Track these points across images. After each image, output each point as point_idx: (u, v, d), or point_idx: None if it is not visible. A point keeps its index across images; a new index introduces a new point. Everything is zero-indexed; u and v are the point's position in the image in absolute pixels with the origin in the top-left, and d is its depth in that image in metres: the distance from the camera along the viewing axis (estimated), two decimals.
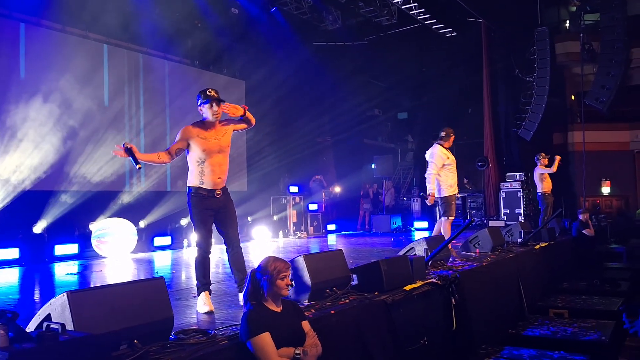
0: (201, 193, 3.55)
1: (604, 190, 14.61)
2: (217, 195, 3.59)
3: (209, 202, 3.57)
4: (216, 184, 3.59)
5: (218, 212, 3.62)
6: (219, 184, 3.61)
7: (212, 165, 3.56)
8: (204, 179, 3.55)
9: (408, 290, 3.92)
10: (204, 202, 3.56)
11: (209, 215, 3.59)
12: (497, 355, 4.31)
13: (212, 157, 3.56)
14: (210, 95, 3.53)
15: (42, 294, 5.25)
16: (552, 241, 7.98)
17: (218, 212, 3.62)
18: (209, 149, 3.54)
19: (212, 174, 3.56)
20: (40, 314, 2.26)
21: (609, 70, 13.44)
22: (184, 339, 2.44)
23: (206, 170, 3.54)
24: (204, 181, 3.55)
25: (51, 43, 8.57)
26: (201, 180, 3.55)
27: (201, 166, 3.55)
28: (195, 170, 3.57)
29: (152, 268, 6.93)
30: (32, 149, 8.06)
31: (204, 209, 3.56)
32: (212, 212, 3.60)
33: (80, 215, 8.51)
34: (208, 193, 3.57)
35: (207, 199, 3.56)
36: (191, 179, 3.60)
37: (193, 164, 3.58)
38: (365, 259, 5.59)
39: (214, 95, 3.54)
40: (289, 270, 2.60)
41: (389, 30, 13.60)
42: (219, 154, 3.61)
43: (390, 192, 15.20)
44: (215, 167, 3.57)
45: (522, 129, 13.73)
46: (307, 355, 2.38)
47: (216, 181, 3.58)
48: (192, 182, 3.59)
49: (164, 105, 10.46)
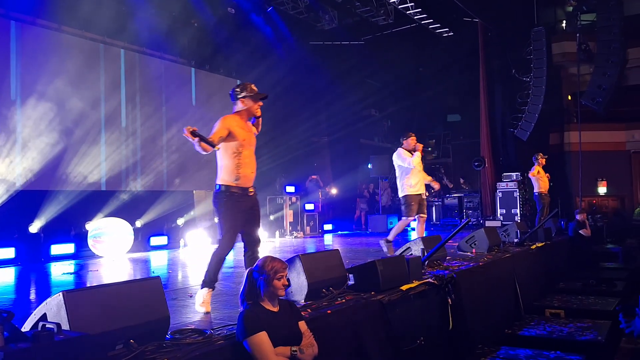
0: (234, 192, 3.42)
1: (600, 191, 14.67)
2: (250, 194, 3.50)
3: (242, 203, 3.45)
4: (249, 179, 3.50)
5: (247, 212, 3.50)
6: (252, 179, 3.53)
7: (247, 158, 3.48)
8: (240, 173, 3.43)
9: (404, 290, 3.93)
10: (237, 203, 3.42)
11: (240, 216, 3.45)
12: (493, 355, 4.32)
13: (247, 148, 3.48)
14: (256, 90, 3.56)
15: (38, 293, 5.23)
16: (548, 241, 8.00)
17: (247, 212, 3.50)
18: (247, 140, 3.48)
19: (248, 166, 3.47)
20: (35, 313, 2.25)
21: (606, 70, 13.48)
22: (180, 338, 2.43)
23: (243, 162, 3.44)
24: (239, 175, 3.43)
25: (46, 42, 8.52)
26: (237, 175, 3.42)
27: (238, 158, 3.43)
28: (231, 164, 3.43)
29: (149, 268, 6.91)
30: (28, 149, 8.02)
31: (237, 211, 3.42)
32: (243, 213, 3.47)
33: (76, 214, 8.47)
34: (242, 191, 3.45)
35: (240, 197, 3.44)
36: (224, 175, 3.45)
37: (229, 158, 3.44)
38: (362, 259, 5.58)
39: (259, 93, 3.57)
40: (286, 270, 2.60)
41: (386, 30, 13.60)
42: (252, 147, 3.56)
43: (387, 192, 15.22)
44: (250, 159, 3.51)
45: (518, 129, 13.76)
46: (303, 355, 2.38)
47: (250, 176, 3.50)
48: (225, 180, 3.44)
49: (160, 104, 10.43)
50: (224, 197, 3.41)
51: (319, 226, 12.47)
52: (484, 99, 13.85)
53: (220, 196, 3.43)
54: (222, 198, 3.42)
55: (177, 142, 10.56)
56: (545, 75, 13.59)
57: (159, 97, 10.45)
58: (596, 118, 13.97)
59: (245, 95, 3.54)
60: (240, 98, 3.56)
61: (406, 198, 6.37)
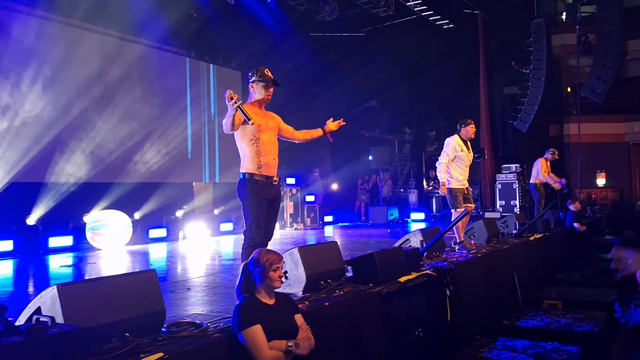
0: (258, 180, 3.34)
1: (599, 182, 14.66)
2: (274, 183, 3.43)
3: (267, 191, 3.37)
4: (272, 166, 3.42)
5: (270, 202, 3.42)
6: (274, 166, 3.45)
7: (266, 144, 3.40)
8: (261, 160, 3.36)
9: (403, 281, 3.92)
10: (262, 191, 3.34)
11: (266, 204, 3.37)
12: (491, 346, 4.33)
13: (265, 133, 3.41)
14: (268, 76, 3.47)
15: (36, 286, 5.23)
16: (546, 232, 8.00)
17: (270, 203, 3.41)
18: (264, 125, 3.40)
19: (268, 153, 3.39)
20: (30, 307, 2.24)
21: (605, 62, 13.42)
22: (176, 331, 2.42)
23: (262, 149, 3.37)
24: (261, 163, 3.36)
25: (44, 34, 8.46)
26: (259, 164, 3.35)
27: (256, 144, 3.36)
28: (251, 151, 3.37)
29: (147, 260, 6.92)
30: (24, 139, 7.97)
31: (263, 199, 3.34)
32: (267, 202, 3.39)
33: (74, 206, 8.45)
34: (266, 180, 3.37)
35: (265, 186, 3.36)
36: (246, 164, 3.38)
37: (247, 145, 3.38)
38: (362, 251, 5.59)
39: (271, 76, 3.48)
40: (282, 262, 2.58)
41: (386, 21, 13.53)
42: (271, 131, 3.48)
43: (388, 183, 15.21)
44: (269, 145, 3.42)
45: (518, 121, 13.73)
46: (299, 349, 2.37)
47: (271, 162, 3.42)
48: (248, 168, 3.37)
49: (161, 96, 10.39)
50: (248, 185, 3.34)
51: (320, 218, 12.47)
52: (484, 90, 13.80)
53: (245, 185, 3.36)
54: (246, 187, 3.35)
55: (175, 133, 10.52)
56: (544, 67, 13.54)
57: (160, 89, 10.40)
58: (595, 110, 13.93)
59: (255, 80, 3.49)
60: (250, 82, 3.52)
61: (451, 191, 5.80)
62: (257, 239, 3.29)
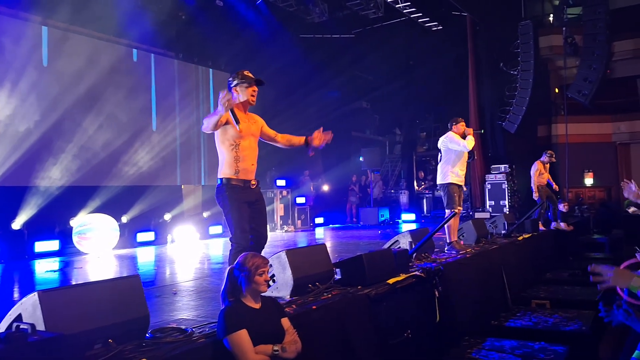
0: (236, 184, 3.35)
1: (587, 182, 14.83)
2: (252, 187, 3.42)
3: (245, 194, 3.37)
4: (250, 171, 3.42)
5: (251, 205, 3.41)
6: (253, 171, 3.45)
7: (245, 150, 3.39)
8: (240, 166, 3.36)
9: (391, 283, 3.92)
10: (239, 194, 3.34)
11: (246, 209, 3.35)
12: (479, 347, 4.34)
13: (246, 139, 3.39)
14: (249, 77, 3.43)
15: (21, 292, 5.15)
16: (535, 232, 8.06)
17: (251, 205, 3.41)
18: (245, 131, 3.36)
19: (246, 159, 3.39)
20: (11, 314, 2.20)
21: (591, 63, 13.58)
22: (160, 337, 2.40)
23: (241, 155, 3.36)
24: (239, 169, 3.36)
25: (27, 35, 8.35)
26: (237, 169, 3.35)
27: (235, 150, 3.36)
28: (230, 157, 3.36)
29: (135, 264, 6.84)
30: (8, 143, 7.86)
31: (242, 202, 3.34)
32: (248, 206, 3.37)
33: (60, 210, 8.32)
34: (243, 184, 3.37)
35: (243, 190, 3.36)
36: (225, 169, 3.39)
37: (227, 150, 3.38)
38: (352, 253, 5.56)
39: (252, 76, 3.44)
40: (267, 266, 2.57)
41: (376, 23, 13.58)
42: (252, 137, 3.46)
43: (379, 184, 15.23)
44: (248, 151, 3.41)
45: (506, 122, 13.84)
46: (285, 352, 2.35)
47: (250, 168, 3.41)
48: (226, 173, 3.38)
49: (149, 98, 10.31)
50: (226, 190, 3.34)
51: (310, 220, 12.44)
52: (472, 92, 13.88)
53: (223, 190, 3.36)
54: (224, 192, 3.35)
55: (163, 135, 10.45)
56: (532, 68, 13.66)
57: (147, 91, 10.32)
58: (583, 110, 14.08)
59: (237, 83, 3.46)
60: (233, 87, 3.48)
61: (449, 187, 5.83)
62: (244, 243, 3.27)
